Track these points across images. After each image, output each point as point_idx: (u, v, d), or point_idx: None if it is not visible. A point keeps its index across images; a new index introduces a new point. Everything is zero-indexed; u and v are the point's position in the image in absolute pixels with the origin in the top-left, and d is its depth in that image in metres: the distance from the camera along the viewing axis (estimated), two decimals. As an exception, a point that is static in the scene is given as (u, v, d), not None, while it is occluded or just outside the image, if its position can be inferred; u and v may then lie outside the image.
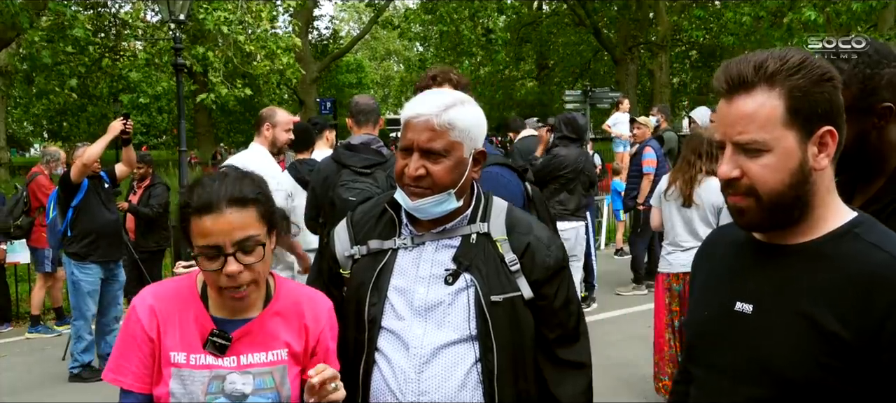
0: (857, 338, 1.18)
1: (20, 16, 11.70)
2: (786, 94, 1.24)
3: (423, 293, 1.78)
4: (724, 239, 1.51)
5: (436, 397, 1.73)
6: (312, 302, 1.81)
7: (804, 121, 1.25)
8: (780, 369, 1.25)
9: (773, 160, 1.25)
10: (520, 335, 1.79)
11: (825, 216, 1.30)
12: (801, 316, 1.24)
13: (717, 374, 1.37)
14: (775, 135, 1.24)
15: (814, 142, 1.26)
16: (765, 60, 1.26)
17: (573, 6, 21.93)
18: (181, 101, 8.84)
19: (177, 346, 1.68)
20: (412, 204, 1.76)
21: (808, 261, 1.28)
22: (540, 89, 27.80)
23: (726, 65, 1.31)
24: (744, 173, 1.27)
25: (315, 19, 27.67)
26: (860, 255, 1.23)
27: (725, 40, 17.62)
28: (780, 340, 1.25)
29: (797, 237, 1.31)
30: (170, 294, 1.74)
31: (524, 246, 1.81)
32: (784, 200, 1.27)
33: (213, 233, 1.59)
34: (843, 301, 1.20)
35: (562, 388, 1.84)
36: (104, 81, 18.69)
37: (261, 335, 1.72)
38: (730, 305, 1.35)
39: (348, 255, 1.89)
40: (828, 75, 1.26)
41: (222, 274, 1.60)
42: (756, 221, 1.31)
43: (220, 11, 12.90)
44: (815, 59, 1.27)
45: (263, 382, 1.69)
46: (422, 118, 1.72)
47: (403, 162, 1.76)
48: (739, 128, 1.27)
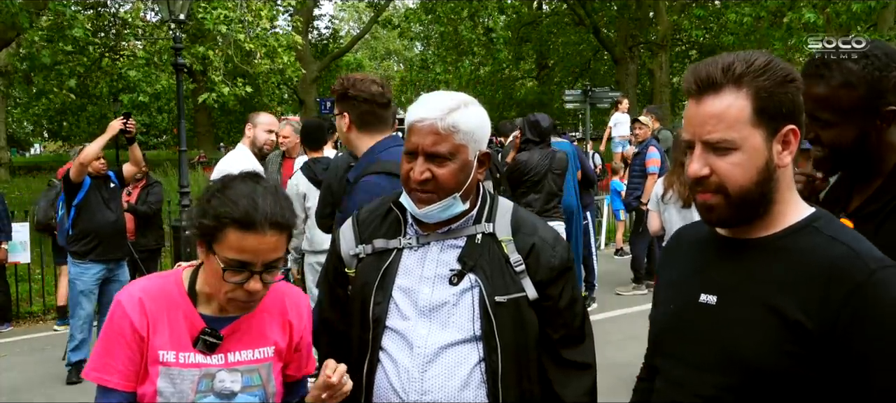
0: (818, 327, 1.23)
1: (20, 16, 11.69)
2: (752, 95, 1.29)
3: (427, 293, 1.78)
4: (688, 238, 1.56)
5: (438, 396, 1.73)
6: (293, 298, 1.83)
7: (769, 120, 1.30)
8: (745, 357, 1.29)
9: (741, 158, 1.30)
10: (524, 335, 1.79)
11: (785, 211, 1.35)
12: (765, 305, 1.29)
13: (683, 365, 1.42)
14: (743, 134, 1.30)
15: (778, 140, 1.32)
16: (732, 62, 1.31)
17: (573, 6, 21.92)
18: (181, 101, 8.85)
19: (166, 344, 1.66)
20: (420, 212, 1.77)
21: (769, 254, 1.33)
22: (540, 89, 27.78)
23: (694, 67, 1.36)
24: (713, 171, 1.32)
25: (315, 19, 27.68)
26: (819, 248, 1.28)
27: (725, 40, 17.62)
28: (745, 329, 1.30)
29: (758, 231, 1.36)
30: (157, 291, 1.71)
31: (529, 247, 1.81)
32: (751, 196, 1.32)
33: (249, 251, 1.57)
34: (804, 291, 1.25)
35: (566, 389, 1.84)
36: (104, 81, 18.70)
37: (248, 332, 1.73)
38: (694, 297, 1.40)
39: (353, 254, 1.89)
40: (791, 76, 1.31)
41: (243, 288, 1.60)
42: (724, 217, 1.35)
43: (220, 10, 12.90)
44: (779, 61, 1.33)
45: (251, 379, 1.71)
46: (426, 122, 1.72)
47: (408, 166, 1.76)
48: (709, 127, 1.31)
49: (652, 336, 1.56)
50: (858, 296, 1.21)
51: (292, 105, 25.21)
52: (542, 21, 24.68)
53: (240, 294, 1.61)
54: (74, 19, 13.86)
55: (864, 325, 1.21)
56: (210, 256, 1.62)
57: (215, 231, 1.58)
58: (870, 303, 1.21)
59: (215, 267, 1.60)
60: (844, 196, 1.78)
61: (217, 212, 1.58)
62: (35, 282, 8.82)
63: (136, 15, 15.68)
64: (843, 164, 1.77)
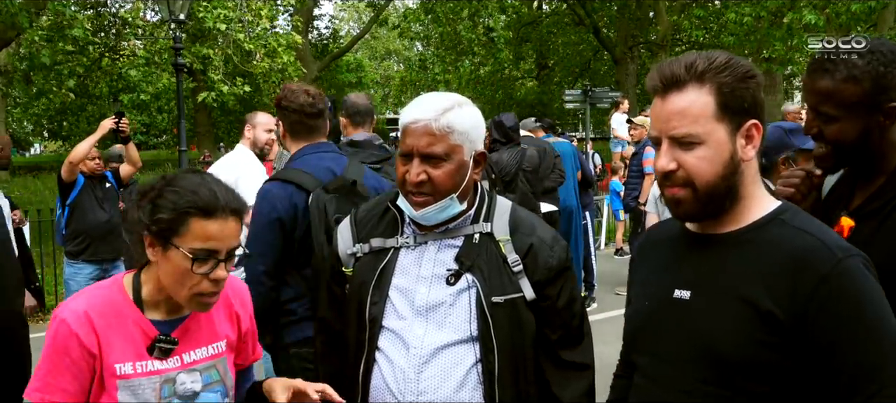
0: (788, 316, 1.27)
1: (20, 15, 11.68)
2: (715, 90, 1.34)
3: (424, 293, 1.78)
4: (659, 236, 1.59)
5: (434, 397, 1.73)
6: (235, 288, 1.83)
7: (732, 115, 1.35)
8: (720, 349, 1.32)
9: (707, 152, 1.34)
10: (521, 336, 1.78)
11: (750, 205, 1.39)
12: (738, 298, 1.32)
13: (661, 361, 1.44)
14: (707, 129, 1.34)
15: (742, 135, 1.36)
16: (694, 60, 1.36)
17: (573, 6, 21.90)
18: (181, 101, 8.84)
19: (121, 357, 1.60)
20: (417, 214, 1.76)
21: (739, 248, 1.36)
22: (540, 89, 27.75)
23: (659, 66, 1.40)
24: (680, 165, 1.36)
25: (315, 19, 27.68)
26: (787, 239, 1.32)
27: (725, 40, 17.60)
28: (720, 322, 1.33)
29: (727, 226, 1.40)
30: (103, 304, 1.64)
31: (527, 247, 1.81)
32: (717, 189, 1.35)
33: (214, 237, 1.57)
34: (774, 281, 1.29)
35: (564, 389, 1.84)
36: (104, 81, 18.69)
37: (198, 330, 1.72)
38: (668, 293, 1.43)
39: (350, 253, 1.89)
40: (751, 73, 1.36)
41: (208, 279, 1.58)
42: (692, 211, 1.39)
43: (220, 9, 12.89)
44: (740, 59, 1.37)
45: (210, 376, 1.71)
46: (420, 123, 1.71)
47: (404, 168, 1.75)
48: (674, 122, 1.35)
49: (627, 334, 1.59)
50: (826, 285, 1.25)
51: (292, 105, 25.17)
52: (542, 21, 24.66)
53: (206, 286, 1.59)
54: (74, 19, 13.85)
55: (832, 313, 1.24)
56: (169, 253, 1.57)
57: (176, 224, 1.56)
58: (836, 291, 1.25)
59: (177, 263, 1.56)
60: (847, 193, 1.78)
61: (176, 205, 1.56)
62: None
63: (136, 15, 15.67)
64: (845, 160, 1.77)
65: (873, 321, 1.26)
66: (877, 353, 1.25)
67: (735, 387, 1.32)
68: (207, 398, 1.69)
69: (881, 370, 1.24)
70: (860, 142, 1.69)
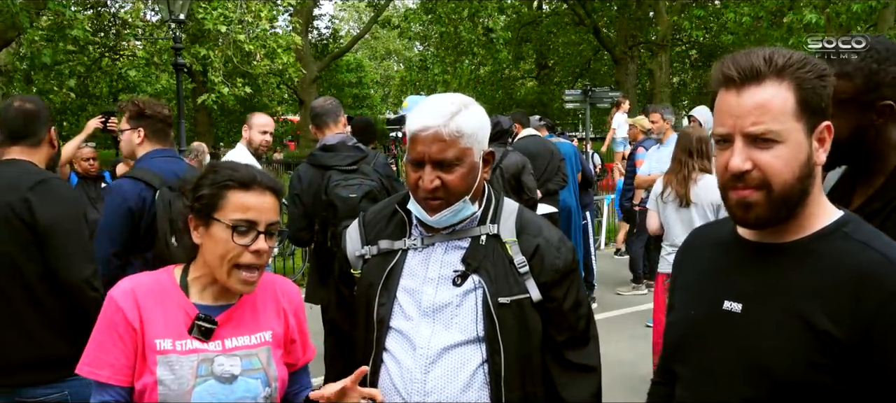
0: (849, 337, 1.18)
1: (20, 15, 11.68)
2: (795, 87, 1.24)
3: (431, 293, 1.78)
4: (707, 239, 1.50)
5: (441, 397, 1.73)
6: (283, 286, 1.87)
7: (810, 115, 1.26)
8: (771, 368, 1.25)
9: (785, 151, 1.25)
10: (527, 337, 1.79)
11: (815, 213, 1.30)
12: (793, 314, 1.24)
13: (706, 375, 1.37)
14: (787, 127, 1.24)
15: (816, 136, 1.27)
16: (773, 54, 1.26)
17: (573, 6, 21.89)
18: (181, 101, 8.85)
19: (162, 333, 1.67)
20: (432, 219, 1.77)
21: (797, 260, 1.27)
22: (540, 89, 27.75)
23: (733, 57, 1.30)
24: (755, 165, 1.25)
25: (315, 19, 27.67)
26: (850, 254, 1.23)
27: (725, 40, 17.63)
28: (772, 339, 1.25)
29: (786, 235, 1.30)
30: (150, 283, 1.74)
31: (533, 248, 1.81)
32: (792, 193, 1.26)
33: (253, 209, 1.66)
34: (834, 299, 1.20)
35: (570, 391, 1.84)
36: (104, 81, 18.67)
37: (242, 320, 1.76)
38: (718, 304, 1.35)
39: (359, 255, 1.90)
40: (827, 72, 1.28)
41: (249, 250, 1.66)
42: (763, 216, 1.28)
43: (220, 9, 12.89)
44: (814, 58, 1.28)
45: (251, 363, 1.73)
46: (430, 130, 1.71)
47: (416, 175, 1.75)
48: (753, 118, 1.25)
49: (671, 341, 1.51)
50: (894, 305, 1.16)
51: (292, 105, 25.20)
52: (542, 21, 24.66)
53: (248, 257, 1.66)
54: (74, 19, 13.84)
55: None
56: (211, 229, 1.67)
57: (216, 199, 1.67)
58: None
59: (219, 236, 1.66)
60: (847, 193, 1.77)
61: (216, 181, 1.69)
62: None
63: (136, 15, 15.65)
64: (839, 158, 1.73)
65: None
66: None
67: None
68: (246, 383, 1.71)
69: None
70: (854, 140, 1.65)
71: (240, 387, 1.70)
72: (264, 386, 1.74)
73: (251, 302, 1.79)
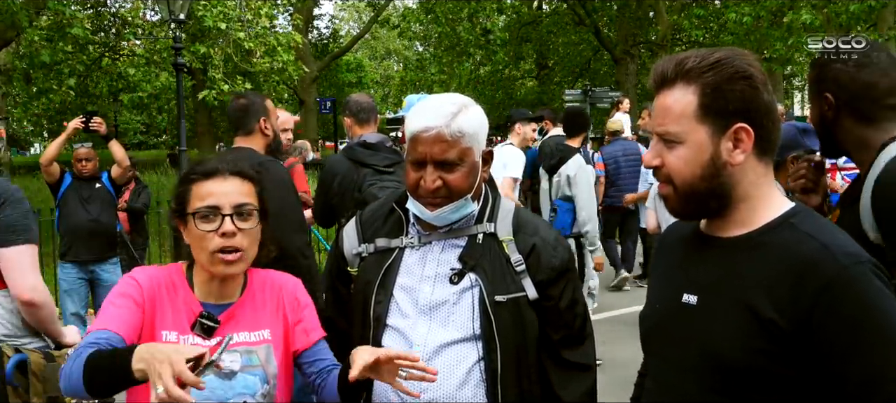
0: (790, 325, 1.23)
1: (20, 14, 11.67)
2: (700, 90, 1.31)
3: (428, 291, 1.79)
4: (676, 234, 1.56)
5: (437, 395, 1.74)
6: (288, 286, 1.90)
7: (715, 117, 1.31)
8: (722, 356, 1.29)
9: (685, 152, 1.34)
10: (524, 335, 1.79)
11: (758, 208, 1.35)
12: (741, 304, 1.28)
13: (667, 365, 1.43)
14: (686, 129, 1.33)
15: (728, 138, 1.32)
16: (685, 58, 1.34)
17: (573, 5, 21.91)
18: (181, 101, 8.86)
19: (169, 325, 1.72)
20: (432, 215, 1.77)
21: (746, 252, 1.33)
22: (540, 89, 27.76)
23: (656, 63, 1.41)
24: (663, 163, 1.37)
25: (315, 19, 27.69)
26: (793, 244, 1.27)
27: (725, 40, 17.62)
28: (722, 329, 1.30)
29: (735, 229, 1.36)
30: (161, 275, 1.80)
31: (530, 247, 1.82)
32: (697, 190, 1.34)
33: (213, 194, 1.71)
34: (777, 288, 1.25)
35: (566, 389, 1.85)
36: (104, 81, 18.68)
37: (243, 318, 1.80)
38: (678, 297, 1.41)
39: (356, 253, 1.91)
40: (743, 74, 1.30)
41: (217, 235, 1.68)
42: (676, 208, 1.40)
43: (220, 7, 12.89)
44: (735, 58, 1.32)
45: (250, 360, 1.76)
46: (432, 131, 1.72)
47: (417, 175, 1.76)
48: (659, 119, 1.37)
49: (642, 335, 1.58)
50: (829, 293, 1.20)
51: (292, 105, 25.21)
52: (542, 21, 24.67)
53: (217, 242, 1.69)
54: (74, 18, 13.86)
55: (835, 322, 1.20)
56: (187, 223, 1.73)
57: (185, 194, 1.73)
58: (841, 300, 1.20)
59: (192, 230, 1.71)
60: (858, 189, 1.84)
61: (185, 178, 1.76)
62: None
63: (136, 14, 15.67)
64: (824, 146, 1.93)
65: (879, 330, 1.20)
66: (883, 364, 1.20)
67: (735, 396, 1.29)
68: (245, 379, 1.74)
69: (888, 382, 1.20)
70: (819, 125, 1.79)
71: (239, 383, 1.72)
72: (263, 383, 1.76)
73: (252, 300, 1.83)
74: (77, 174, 5.84)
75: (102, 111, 22.49)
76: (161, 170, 17.96)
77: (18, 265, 2.54)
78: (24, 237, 2.54)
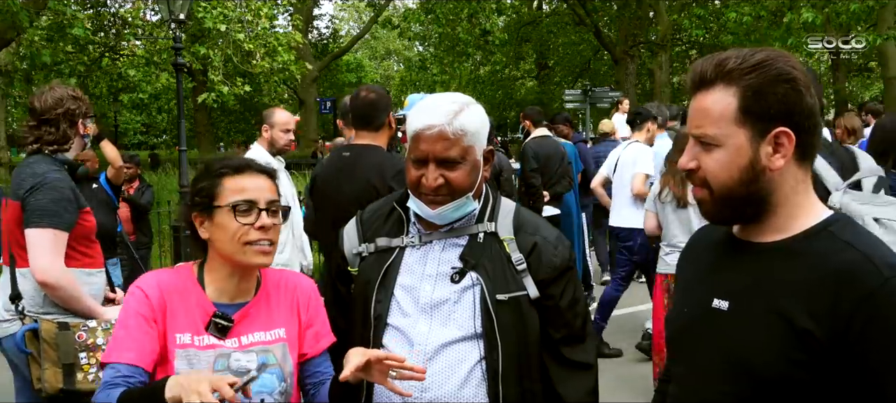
0: (827, 335, 1.20)
1: (20, 15, 11.67)
2: (740, 93, 1.28)
3: (429, 290, 1.79)
4: (706, 239, 1.53)
5: (438, 394, 1.74)
6: (302, 286, 1.92)
7: (756, 120, 1.28)
8: (752, 364, 1.27)
9: (723, 155, 1.30)
10: (525, 334, 1.79)
11: (797, 214, 1.32)
12: (775, 312, 1.25)
13: (694, 371, 1.40)
14: (725, 132, 1.29)
15: (768, 142, 1.28)
16: (726, 58, 1.30)
17: (573, 5, 21.90)
18: (181, 101, 8.86)
19: (183, 328, 1.73)
20: (433, 213, 1.78)
21: (782, 259, 1.29)
22: (540, 89, 27.77)
23: (696, 62, 1.36)
24: (699, 165, 1.33)
25: (315, 19, 27.69)
26: (832, 253, 1.24)
27: (725, 39, 17.61)
28: (754, 336, 1.27)
29: (771, 235, 1.33)
30: (171, 278, 1.80)
31: (531, 246, 1.82)
32: (734, 195, 1.31)
33: (249, 189, 1.74)
34: (814, 297, 1.22)
35: (567, 388, 1.84)
36: (104, 81, 18.68)
37: (257, 317, 1.80)
38: (707, 302, 1.37)
39: (356, 252, 1.91)
40: (786, 76, 1.26)
41: (253, 228, 1.71)
42: (711, 213, 1.37)
43: (220, 8, 12.89)
44: (778, 59, 1.28)
45: (266, 359, 1.77)
46: (434, 129, 1.72)
47: (418, 173, 1.76)
48: (696, 122, 1.33)
49: (668, 338, 1.54)
50: (870, 304, 1.17)
51: (292, 105, 25.21)
52: (542, 21, 24.67)
53: (254, 235, 1.72)
54: (74, 19, 13.85)
55: (876, 334, 1.17)
56: (216, 217, 1.74)
57: (214, 188, 1.75)
58: (882, 312, 1.17)
59: (224, 222, 1.73)
60: None
61: (211, 172, 1.78)
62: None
63: (136, 14, 15.65)
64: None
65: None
66: None
67: None
68: (263, 379, 1.75)
69: None
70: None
71: (256, 382, 1.71)
72: (280, 381, 1.78)
73: (266, 299, 1.84)
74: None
75: (102, 111, 22.49)
76: (161, 170, 17.95)
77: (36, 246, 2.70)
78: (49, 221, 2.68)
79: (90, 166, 5.89)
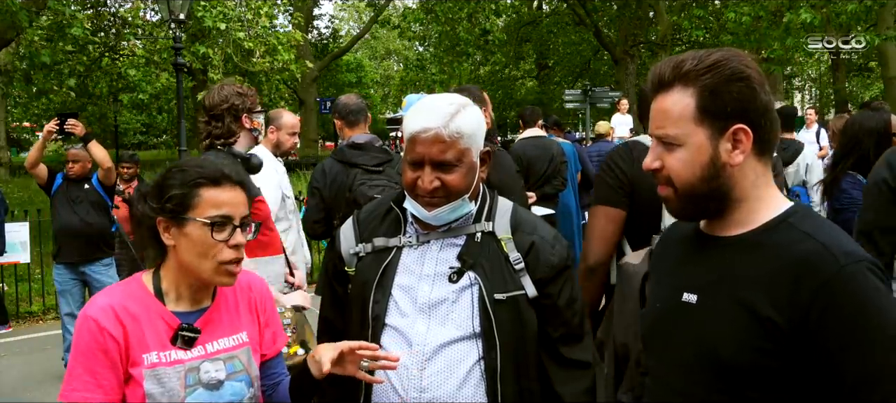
0: (788, 323, 1.24)
1: (19, 14, 11.67)
2: (697, 93, 1.33)
3: (427, 290, 1.79)
4: (676, 234, 1.57)
5: (437, 394, 1.73)
6: (255, 283, 1.88)
7: (714, 119, 1.33)
8: (720, 354, 1.30)
9: (684, 154, 1.35)
10: (523, 333, 1.79)
11: (758, 208, 1.36)
12: (739, 303, 1.29)
13: (666, 364, 1.44)
14: (686, 131, 1.34)
15: (727, 139, 1.33)
16: (682, 61, 1.35)
17: (573, 5, 21.90)
18: (181, 101, 8.85)
19: (147, 347, 1.64)
20: (430, 215, 1.77)
21: (744, 251, 1.34)
22: (540, 89, 27.77)
23: (654, 66, 1.41)
24: (663, 165, 1.38)
25: (315, 18, 27.68)
26: (791, 243, 1.29)
27: (725, 39, 17.61)
28: (722, 327, 1.31)
29: (734, 228, 1.38)
30: (126, 297, 1.69)
31: (528, 245, 1.82)
32: (697, 192, 1.36)
33: (226, 204, 1.66)
34: (775, 287, 1.26)
35: (565, 387, 1.84)
36: (104, 81, 18.69)
37: (220, 322, 1.76)
38: (677, 296, 1.41)
39: (353, 253, 1.90)
40: (740, 74, 1.31)
41: (228, 245, 1.65)
42: (677, 210, 1.41)
43: (219, 7, 12.90)
44: (732, 59, 1.32)
45: (233, 366, 1.73)
46: (430, 132, 1.71)
47: (414, 175, 1.75)
48: (657, 123, 1.38)
49: (642, 333, 1.58)
50: (827, 291, 1.21)
51: (292, 104, 25.21)
52: (541, 21, 24.67)
53: (227, 253, 1.65)
54: (74, 18, 13.85)
55: (833, 320, 1.21)
56: (186, 229, 1.64)
57: (188, 198, 1.64)
58: (838, 298, 1.21)
59: (196, 236, 1.63)
60: None
61: (185, 180, 1.66)
62: (35, 282, 8.82)
63: (136, 14, 15.66)
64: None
65: (877, 329, 1.20)
66: (880, 363, 1.20)
67: (735, 394, 1.30)
68: (232, 387, 1.71)
69: (885, 380, 1.20)
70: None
71: (227, 391, 1.70)
72: (248, 387, 1.75)
73: (225, 303, 1.79)
74: (74, 176, 5.86)
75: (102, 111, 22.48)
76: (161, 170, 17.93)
77: None
78: None
79: (79, 168, 5.90)
